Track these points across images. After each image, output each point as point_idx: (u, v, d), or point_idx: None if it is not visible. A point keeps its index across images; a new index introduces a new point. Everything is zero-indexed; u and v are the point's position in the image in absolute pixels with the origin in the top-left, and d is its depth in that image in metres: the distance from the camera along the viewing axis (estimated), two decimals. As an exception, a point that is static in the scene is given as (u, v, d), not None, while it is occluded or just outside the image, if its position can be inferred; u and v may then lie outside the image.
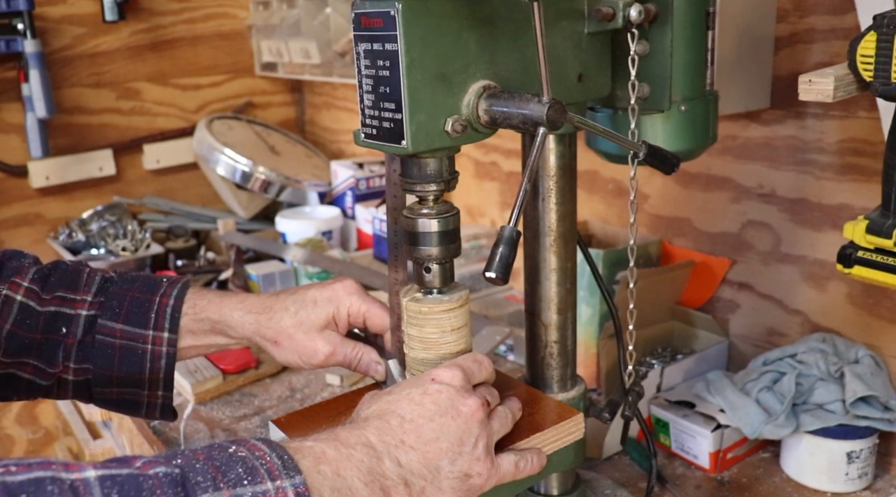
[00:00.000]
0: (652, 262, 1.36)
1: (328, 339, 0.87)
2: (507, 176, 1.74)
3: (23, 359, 0.88)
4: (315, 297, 0.88)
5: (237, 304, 0.89)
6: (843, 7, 1.04)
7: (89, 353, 0.89)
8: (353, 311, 0.87)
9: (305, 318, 0.87)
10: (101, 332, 0.88)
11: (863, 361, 1.07)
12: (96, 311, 0.89)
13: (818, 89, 0.73)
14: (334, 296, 0.87)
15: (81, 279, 0.91)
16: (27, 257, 0.93)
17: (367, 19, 0.67)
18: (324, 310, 0.87)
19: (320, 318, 0.87)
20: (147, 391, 0.91)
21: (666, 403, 1.16)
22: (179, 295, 0.90)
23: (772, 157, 1.19)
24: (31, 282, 0.89)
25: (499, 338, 1.42)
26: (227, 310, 0.89)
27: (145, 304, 0.89)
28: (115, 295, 0.90)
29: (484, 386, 0.75)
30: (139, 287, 0.91)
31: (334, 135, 2.44)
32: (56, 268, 0.92)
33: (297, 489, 0.57)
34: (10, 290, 0.88)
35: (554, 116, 0.65)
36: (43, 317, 0.88)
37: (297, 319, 0.87)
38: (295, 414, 0.84)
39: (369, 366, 0.86)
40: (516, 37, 0.72)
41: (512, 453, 0.73)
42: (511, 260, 0.64)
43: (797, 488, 1.06)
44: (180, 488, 0.54)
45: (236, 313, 0.89)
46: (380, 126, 0.70)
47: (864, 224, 0.77)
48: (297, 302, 0.88)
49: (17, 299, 0.88)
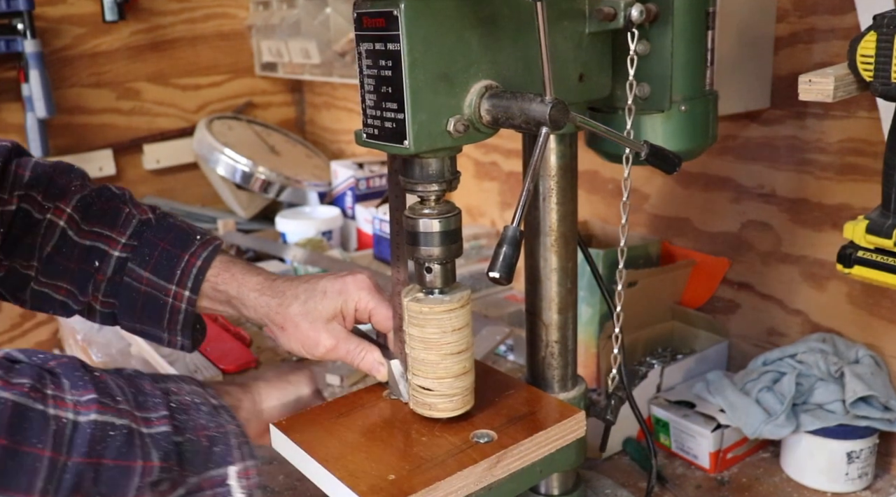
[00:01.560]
0: (652, 262, 1.36)
1: (332, 333, 0.87)
2: (508, 176, 1.74)
3: (58, 282, 0.95)
4: (325, 288, 0.88)
5: (256, 284, 0.91)
6: (843, 7, 1.05)
7: (117, 292, 0.94)
8: (360, 307, 0.87)
9: (313, 309, 0.87)
10: (130, 276, 0.93)
11: (863, 361, 1.08)
12: (128, 255, 0.94)
13: (818, 89, 0.73)
14: (344, 289, 0.87)
15: (120, 218, 0.95)
16: (75, 174, 0.98)
17: (369, 19, 0.67)
18: (332, 302, 0.87)
19: (327, 309, 0.87)
20: (167, 334, 0.95)
21: (666, 403, 1.16)
22: (208, 258, 0.93)
23: (772, 157, 1.19)
24: (74, 209, 0.95)
25: (499, 338, 1.42)
26: (245, 289, 0.91)
27: (174, 258, 0.93)
28: (147, 242, 0.94)
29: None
30: (172, 239, 0.94)
31: (334, 135, 2.44)
32: (100, 195, 0.97)
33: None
34: (55, 215, 0.94)
35: (557, 116, 0.65)
36: (79, 248, 0.94)
37: (305, 308, 0.87)
38: (296, 416, 0.84)
39: (372, 365, 0.86)
40: (518, 37, 0.72)
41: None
42: (514, 260, 0.64)
43: (797, 488, 1.06)
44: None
45: (252, 294, 0.91)
46: (382, 126, 0.70)
47: (864, 224, 0.77)
48: (307, 290, 0.88)
49: (59, 225, 0.94)
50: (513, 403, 0.83)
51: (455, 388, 0.78)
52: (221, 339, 1.47)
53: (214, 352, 1.41)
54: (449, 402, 0.78)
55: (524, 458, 0.77)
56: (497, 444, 0.76)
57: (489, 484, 0.74)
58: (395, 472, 0.72)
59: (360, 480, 0.71)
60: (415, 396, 0.80)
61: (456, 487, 0.72)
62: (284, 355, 1.46)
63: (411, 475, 0.72)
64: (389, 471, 0.72)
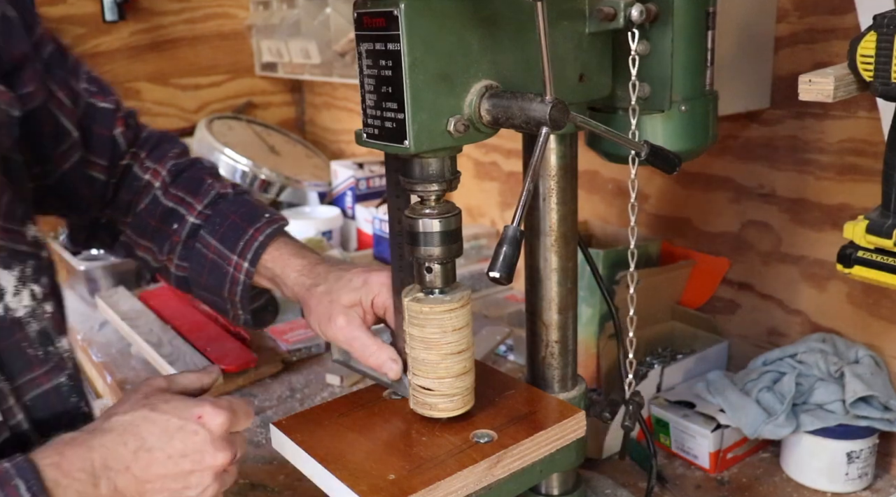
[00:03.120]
0: (652, 262, 1.36)
1: (348, 316, 0.87)
2: (508, 176, 1.74)
3: (141, 238, 1.04)
4: (351, 279, 0.89)
5: (298, 266, 0.95)
6: (843, 7, 1.05)
7: (188, 256, 1.01)
8: (377, 303, 0.88)
9: (336, 292, 0.89)
10: (200, 242, 1.00)
11: (863, 361, 1.08)
12: (202, 222, 1.01)
13: (818, 89, 0.73)
14: (367, 282, 0.88)
15: (202, 188, 1.03)
16: (177, 145, 1.07)
17: (370, 19, 0.67)
18: (353, 293, 0.88)
19: (348, 297, 0.88)
20: (230, 307, 1.01)
21: (666, 403, 1.16)
22: (271, 234, 0.98)
23: (772, 157, 1.19)
24: (168, 172, 1.03)
25: (499, 338, 1.42)
26: (288, 269, 0.95)
27: (240, 231, 0.98)
28: (220, 213, 1.01)
29: (238, 434, 0.78)
30: (242, 213, 1.00)
31: (334, 135, 2.44)
32: (191, 166, 1.05)
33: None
34: (152, 176, 1.03)
35: (557, 116, 0.65)
36: (162, 208, 1.02)
37: (329, 290, 0.90)
38: (296, 416, 0.84)
39: (385, 362, 0.85)
40: (518, 36, 0.72)
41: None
42: (515, 260, 0.64)
43: (797, 488, 1.06)
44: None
45: (293, 275, 0.95)
46: (382, 126, 0.70)
47: (864, 224, 0.77)
48: (336, 278, 0.91)
49: (154, 186, 1.03)
50: (513, 403, 0.83)
51: (455, 387, 0.78)
52: (221, 339, 1.47)
53: (214, 352, 1.41)
54: (449, 401, 0.78)
55: (524, 457, 0.77)
56: (497, 443, 0.76)
57: (489, 484, 0.75)
58: (395, 471, 0.72)
59: (360, 480, 0.71)
60: (415, 396, 0.80)
61: (456, 487, 0.72)
62: (284, 355, 1.46)
63: (411, 475, 0.72)
64: (389, 470, 0.72)
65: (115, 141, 1.02)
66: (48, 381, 0.83)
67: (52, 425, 0.82)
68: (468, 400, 0.80)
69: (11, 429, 0.79)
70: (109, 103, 1.03)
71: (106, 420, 0.74)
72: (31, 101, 0.89)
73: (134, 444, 0.71)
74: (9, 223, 0.81)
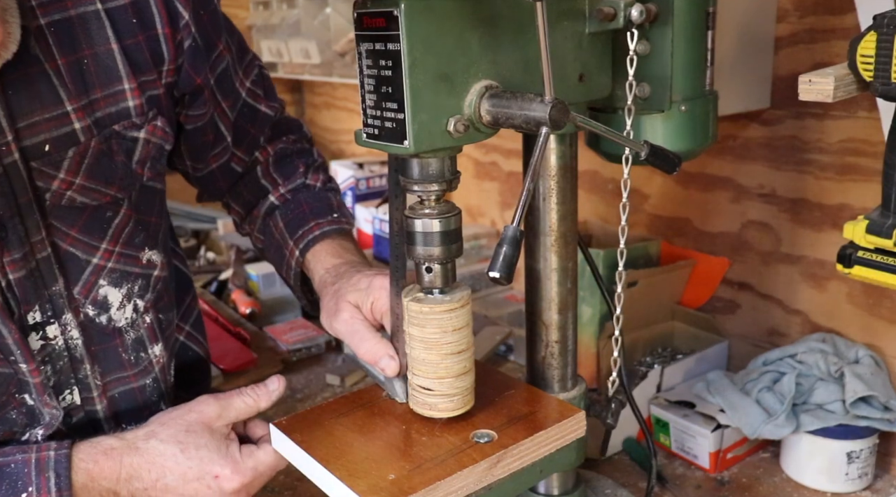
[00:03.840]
0: (652, 262, 1.36)
1: (352, 312, 0.89)
2: (507, 176, 1.74)
3: (235, 203, 1.13)
4: (359, 280, 0.91)
5: (328, 265, 0.99)
6: (843, 7, 1.05)
7: (263, 231, 1.10)
8: (376, 307, 0.88)
9: (343, 290, 0.91)
10: (272, 223, 1.07)
11: (863, 361, 1.08)
12: (279, 204, 1.08)
13: (818, 89, 0.73)
14: (371, 286, 0.89)
15: (293, 174, 1.10)
16: (300, 132, 1.15)
17: (370, 19, 0.67)
18: (357, 294, 0.90)
19: (352, 296, 0.90)
20: (290, 287, 1.08)
21: (666, 403, 1.16)
22: (328, 232, 1.03)
23: (772, 157, 1.19)
24: (273, 154, 1.10)
25: (499, 338, 1.42)
26: (319, 266, 1.00)
27: (304, 221, 1.04)
28: (297, 201, 1.07)
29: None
30: (314, 206, 1.06)
31: (334, 135, 2.44)
32: (295, 151, 1.12)
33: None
34: (261, 155, 1.10)
35: (557, 116, 0.65)
36: (256, 184, 1.10)
37: (337, 288, 0.93)
38: (296, 416, 0.84)
39: (381, 358, 0.85)
40: (518, 37, 0.72)
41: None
42: (515, 260, 0.64)
43: (797, 488, 1.06)
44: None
45: (321, 272, 0.99)
46: (382, 126, 0.70)
47: (864, 224, 0.77)
48: (348, 278, 0.93)
49: (259, 163, 1.10)
50: (513, 403, 0.83)
51: (455, 387, 0.78)
52: (221, 339, 1.47)
53: (214, 352, 1.41)
54: (449, 401, 0.78)
55: (524, 457, 0.77)
56: (497, 443, 0.76)
57: (489, 484, 0.74)
58: (395, 471, 0.72)
59: (360, 480, 0.71)
60: (415, 396, 0.80)
61: (456, 487, 0.72)
62: (284, 355, 1.46)
63: (411, 475, 0.72)
64: (389, 470, 0.72)
65: (260, 139, 1.10)
66: (135, 381, 0.93)
67: (130, 418, 0.92)
68: (468, 400, 0.80)
69: (88, 414, 0.90)
70: (270, 110, 1.09)
71: (146, 439, 0.82)
72: (199, 120, 0.98)
73: (156, 474, 0.81)
74: (126, 249, 0.90)
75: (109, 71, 0.83)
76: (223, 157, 1.06)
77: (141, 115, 0.87)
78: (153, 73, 0.88)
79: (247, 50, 1.09)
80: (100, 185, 0.85)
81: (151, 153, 0.90)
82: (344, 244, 1.03)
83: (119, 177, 0.87)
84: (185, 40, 0.90)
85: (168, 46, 0.88)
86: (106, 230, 0.88)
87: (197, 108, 0.96)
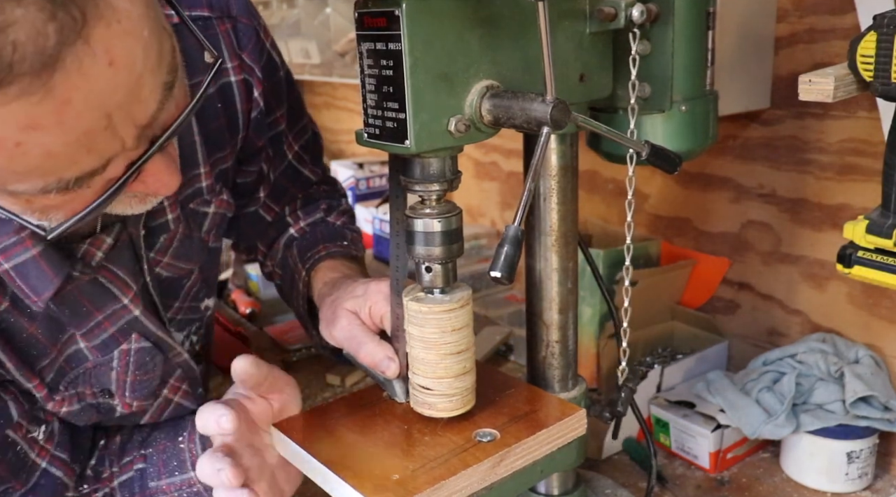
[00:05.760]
0: (652, 262, 1.36)
1: (349, 318, 0.89)
2: (508, 176, 1.74)
3: (255, 241, 1.16)
4: (355, 288, 0.92)
5: (327, 279, 1.01)
6: (843, 7, 1.05)
7: (282, 265, 1.12)
8: (374, 311, 0.88)
9: (340, 301, 0.92)
10: (289, 254, 1.10)
11: (863, 361, 1.08)
12: (298, 237, 1.12)
13: (818, 89, 0.73)
14: (367, 292, 0.89)
15: (314, 210, 1.14)
16: (331, 185, 1.20)
17: (371, 19, 0.67)
18: (354, 301, 0.90)
19: (350, 303, 0.90)
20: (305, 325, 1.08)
21: (666, 403, 1.16)
22: (332, 254, 1.05)
23: (772, 157, 1.19)
24: (301, 198, 1.15)
25: (499, 338, 1.42)
26: (319, 280, 1.02)
27: (313, 247, 1.07)
28: (313, 233, 1.11)
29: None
30: (327, 234, 1.10)
31: (334, 135, 2.44)
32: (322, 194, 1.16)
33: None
34: (291, 206, 1.14)
35: (558, 116, 0.65)
36: (281, 222, 1.14)
37: (335, 298, 0.93)
38: (297, 417, 0.84)
39: (381, 361, 0.85)
40: (519, 36, 0.72)
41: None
42: (516, 259, 0.64)
43: (797, 488, 1.07)
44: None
45: (320, 285, 1.01)
46: (383, 126, 0.70)
47: (864, 224, 0.77)
48: (345, 288, 0.94)
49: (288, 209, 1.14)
50: (514, 402, 0.83)
51: (455, 387, 0.78)
52: (221, 339, 1.47)
53: (214, 351, 1.41)
54: (449, 401, 0.78)
55: (527, 456, 0.77)
56: (500, 442, 0.76)
57: (492, 483, 0.75)
58: (398, 471, 0.72)
59: (365, 481, 0.71)
60: (415, 396, 0.80)
61: (460, 487, 0.72)
62: (285, 356, 1.46)
63: (415, 475, 0.72)
64: (393, 470, 0.72)
65: (298, 197, 1.14)
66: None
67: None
68: (468, 400, 0.80)
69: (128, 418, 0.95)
70: (313, 175, 1.15)
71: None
72: (248, 176, 1.05)
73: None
74: (191, 302, 0.98)
75: (188, 159, 0.88)
76: (258, 203, 1.11)
77: (211, 192, 0.95)
78: (226, 148, 0.93)
79: (302, 115, 1.12)
80: (181, 261, 0.94)
81: (217, 222, 0.98)
82: (347, 263, 1.04)
83: (196, 252, 0.96)
84: (253, 111, 0.95)
85: (243, 121, 0.93)
86: (178, 292, 0.96)
87: (252, 165, 1.03)
